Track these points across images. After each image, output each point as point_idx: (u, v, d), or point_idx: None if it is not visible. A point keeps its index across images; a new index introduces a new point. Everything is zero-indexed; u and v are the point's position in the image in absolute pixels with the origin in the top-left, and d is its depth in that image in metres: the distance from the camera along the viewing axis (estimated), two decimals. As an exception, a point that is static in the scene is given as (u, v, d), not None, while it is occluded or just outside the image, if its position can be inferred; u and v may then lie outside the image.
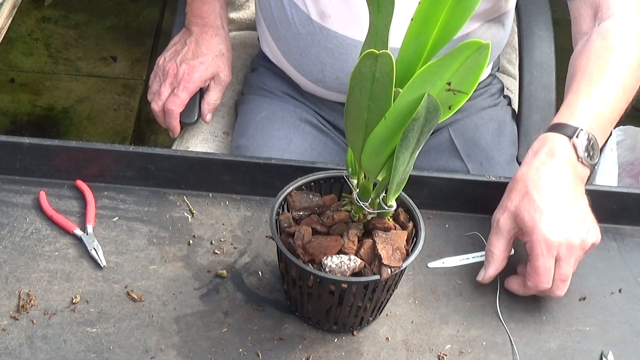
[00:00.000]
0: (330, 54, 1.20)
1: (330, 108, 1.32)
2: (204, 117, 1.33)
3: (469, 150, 1.29)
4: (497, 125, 1.33)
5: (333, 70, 1.21)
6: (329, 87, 1.26)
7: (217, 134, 1.37)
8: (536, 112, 1.37)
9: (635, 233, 1.09)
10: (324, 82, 1.25)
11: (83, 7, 2.77)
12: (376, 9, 0.78)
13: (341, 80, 1.22)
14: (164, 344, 0.89)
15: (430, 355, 0.91)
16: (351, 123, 0.81)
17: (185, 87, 1.28)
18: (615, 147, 1.65)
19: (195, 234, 1.02)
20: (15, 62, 2.55)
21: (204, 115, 1.32)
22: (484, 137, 1.30)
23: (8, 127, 2.33)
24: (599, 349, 0.94)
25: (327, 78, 1.23)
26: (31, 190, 1.05)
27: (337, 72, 1.21)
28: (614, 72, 1.04)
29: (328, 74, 1.22)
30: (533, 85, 1.37)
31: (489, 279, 0.97)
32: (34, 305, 0.92)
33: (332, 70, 1.21)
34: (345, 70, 1.21)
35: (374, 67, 0.74)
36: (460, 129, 1.31)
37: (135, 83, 2.52)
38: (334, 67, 1.21)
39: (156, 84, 1.30)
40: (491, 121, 1.33)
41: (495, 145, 1.30)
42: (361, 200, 0.86)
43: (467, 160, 1.28)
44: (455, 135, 1.30)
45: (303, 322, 0.93)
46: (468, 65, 0.73)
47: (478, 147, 1.29)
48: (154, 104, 1.30)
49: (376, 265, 0.85)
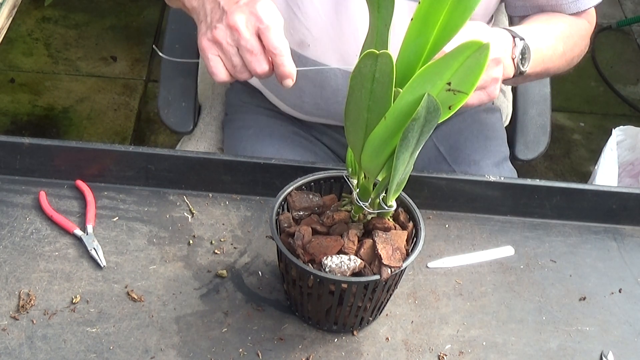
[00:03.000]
0: (309, 82, 1.19)
1: (310, 127, 1.31)
2: (285, 83, 0.99)
3: (455, 155, 1.29)
4: (482, 128, 1.33)
5: (312, 97, 1.20)
6: (307, 112, 1.25)
7: (212, 150, 1.36)
8: (532, 107, 1.37)
9: (635, 233, 1.09)
10: (302, 108, 1.24)
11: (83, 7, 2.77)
12: (376, 9, 0.78)
13: (319, 106, 1.21)
14: (164, 344, 0.89)
15: (430, 355, 0.91)
16: (351, 123, 0.81)
17: (261, 27, 0.95)
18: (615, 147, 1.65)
19: (195, 234, 1.02)
20: (15, 62, 2.55)
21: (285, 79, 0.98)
22: (469, 141, 1.30)
23: (8, 127, 2.33)
24: (599, 349, 0.94)
25: (306, 104, 1.22)
26: (31, 190, 1.05)
27: (316, 99, 1.20)
28: (562, 37, 1.15)
29: (307, 99, 1.21)
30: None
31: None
32: (34, 305, 0.92)
33: (310, 97, 1.21)
34: (324, 97, 1.20)
35: (374, 67, 0.74)
36: (443, 135, 1.30)
37: (135, 83, 2.52)
38: (313, 94, 1.20)
39: (219, 63, 0.98)
40: (474, 124, 1.33)
41: (481, 149, 1.30)
42: (361, 200, 0.86)
43: (455, 166, 1.28)
44: (438, 142, 1.30)
45: (303, 322, 0.93)
46: (468, 65, 0.73)
47: (463, 152, 1.29)
48: (242, 75, 0.99)
49: (376, 265, 0.85)
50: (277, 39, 0.95)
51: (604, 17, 3.10)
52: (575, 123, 2.66)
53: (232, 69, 0.98)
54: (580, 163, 2.52)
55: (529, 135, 1.35)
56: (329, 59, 1.16)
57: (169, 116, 1.33)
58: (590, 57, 2.88)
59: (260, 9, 0.95)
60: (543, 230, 1.08)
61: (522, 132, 1.35)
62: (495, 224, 1.08)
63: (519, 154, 1.34)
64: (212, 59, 0.98)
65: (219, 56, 0.98)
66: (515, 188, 1.08)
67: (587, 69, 2.84)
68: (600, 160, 1.64)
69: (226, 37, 0.96)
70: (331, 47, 1.16)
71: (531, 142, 1.35)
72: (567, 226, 1.09)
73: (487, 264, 1.03)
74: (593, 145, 2.55)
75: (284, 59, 0.96)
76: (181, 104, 1.34)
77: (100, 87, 2.49)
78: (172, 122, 1.33)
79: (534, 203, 1.08)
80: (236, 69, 0.98)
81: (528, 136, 1.35)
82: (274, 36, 0.95)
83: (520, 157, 1.34)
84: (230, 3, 0.97)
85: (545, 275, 1.02)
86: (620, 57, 2.96)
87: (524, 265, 1.03)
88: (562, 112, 2.67)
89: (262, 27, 0.95)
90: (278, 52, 0.96)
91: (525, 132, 1.35)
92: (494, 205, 1.08)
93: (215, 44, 0.97)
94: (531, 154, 1.35)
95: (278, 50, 0.95)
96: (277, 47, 0.95)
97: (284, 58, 0.96)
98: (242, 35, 0.95)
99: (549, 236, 1.07)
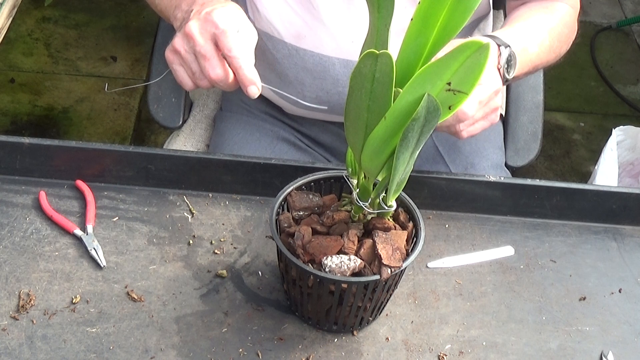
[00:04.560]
0: (308, 73, 1.19)
1: (311, 124, 1.31)
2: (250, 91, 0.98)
3: (453, 156, 1.29)
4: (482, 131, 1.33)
5: (312, 90, 1.20)
6: (309, 108, 1.25)
7: (200, 147, 1.36)
8: (523, 114, 1.37)
9: (635, 233, 1.09)
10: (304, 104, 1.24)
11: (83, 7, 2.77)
12: (376, 9, 0.78)
13: (320, 98, 1.21)
14: (164, 344, 0.89)
15: (430, 355, 0.91)
16: (351, 123, 0.81)
17: (216, 32, 0.96)
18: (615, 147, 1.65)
19: (195, 234, 1.02)
20: (15, 62, 2.55)
21: (248, 87, 0.98)
22: (468, 143, 1.30)
23: (8, 127, 2.33)
24: (599, 349, 0.94)
25: (307, 98, 1.22)
26: (31, 190, 1.05)
27: (317, 91, 1.20)
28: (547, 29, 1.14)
29: (307, 93, 1.21)
30: (520, 87, 1.37)
31: None
32: (34, 305, 0.92)
33: (311, 90, 1.21)
34: (325, 89, 1.20)
35: (374, 67, 0.74)
36: (443, 135, 1.31)
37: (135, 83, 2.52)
38: (313, 85, 1.20)
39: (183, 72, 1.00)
40: None
41: (480, 151, 1.30)
42: (361, 200, 0.86)
43: (452, 167, 1.28)
44: (438, 141, 1.30)
45: (303, 322, 0.93)
46: (468, 65, 0.73)
47: (462, 153, 1.30)
48: (201, 82, 1.00)
49: (376, 265, 0.85)
50: (231, 43, 0.95)
51: (604, 17, 3.11)
52: (575, 123, 2.66)
53: (192, 76, 0.99)
54: (580, 163, 2.52)
55: (520, 142, 1.35)
56: (326, 48, 1.17)
57: (159, 111, 1.34)
58: (590, 57, 2.89)
59: (216, 15, 0.97)
60: (543, 230, 1.08)
61: (512, 138, 1.35)
62: (495, 224, 1.08)
63: (509, 160, 1.34)
64: (176, 69, 1.00)
65: (182, 65, 1.00)
66: (515, 188, 1.08)
67: (587, 69, 2.84)
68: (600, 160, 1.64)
69: (183, 45, 0.98)
70: (327, 35, 1.16)
71: (522, 149, 1.35)
72: (567, 226, 1.09)
73: (487, 264, 1.03)
74: (593, 145, 2.55)
75: (241, 62, 0.96)
76: (171, 99, 1.35)
77: (100, 87, 2.50)
78: (161, 117, 1.35)
79: (534, 203, 1.08)
80: (195, 75, 0.99)
81: (519, 143, 1.35)
82: (229, 40, 0.95)
83: (510, 163, 1.34)
84: (195, 14, 0.99)
85: (545, 275, 1.02)
86: (620, 57, 2.96)
87: (524, 265, 1.03)
88: (562, 112, 2.67)
89: (218, 32, 0.96)
90: (233, 55, 0.95)
91: (516, 139, 1.35)
92: (494, 205, 1.08)
93: (175, 54, 0.99)
94: (521, 161, 1.35)
95: (233, 52, 0.95)
96: (231, 50, 0.95)
97: (241, 61, 0.96)
98: (196, 42, 0.96)
99: (549, 236, 1.07)
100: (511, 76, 1.06)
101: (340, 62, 1.17)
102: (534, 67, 1.13)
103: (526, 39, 1.10)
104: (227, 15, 0.97)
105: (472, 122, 0.99)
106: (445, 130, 1.00)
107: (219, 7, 0.99)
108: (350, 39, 1.15)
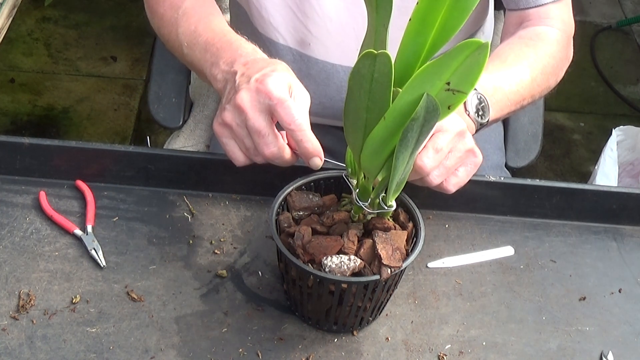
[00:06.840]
0: (312, 80, 1.18)
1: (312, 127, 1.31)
2: (312, 162, 0.91)
3: None
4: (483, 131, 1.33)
5: (316, 96, 1.19)
6: (312, 114, 1.25)
7: (200, 147, 1.36)
8: (524, 115, 1.37)
9: (635, 233, 1.09)
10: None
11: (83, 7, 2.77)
12: (374, 10, 0.78)
13: (324, 105, 1.20)
14: (164, 344, 0.89)
15: (430, 355, 0.91)
16: (350, 123, 0.81)
17: (271, 103, 0.88)
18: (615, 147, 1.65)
19: (195, 234, 1.02)
20: (15, 62, 2.55)
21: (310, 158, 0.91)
22: None
23: (8, 127, 2.33)
24: (599, 349, 0.94)
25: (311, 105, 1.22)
26: (31, 190, 1.05)
27: (320, 98, 1.19)
28: (527, 63, 1.10)
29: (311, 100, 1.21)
30: None
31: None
32: (34, 305, 0.92)
33: (315, 97, 1.19)
34: (328, 95, 1.19)
35: (373, 67, 0.74)
36: None
37: (135, 83, 2.52)
38: (317, 93, 1.18)
39: (234, 147, 0.93)
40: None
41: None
42: (361, 200, 0.86)
43: None
44: None
45: (303, 322, 0.93)
46: (467, 65, 0.73)
47: None
48: (256, 159, 0.93)
49: (376, 265, 0.85)
50: (289, 115, 0.87)
51: (604, 17, 3.11)
52: (575, 123, 2.66)
53: (247, 151, 0.92)
54: (580, 163, 2.52)
55: (520, 143, 1.35)
56: (331, 55, 1.16)
57: (159, 111, 1.35)
58: (590, 57, 2.89)
59: (269, 83, 0.87)
60: (543, 230, 1.08)
61: (513, 139, 1.35)
62: (495, 224, 1.08)
63: (509, 161, 1.34)
64: (226, 143, 0.92)
65: (234, 139, 0.91)
66: (515, 188, 1.08)
67: (587, 69, 2.84)
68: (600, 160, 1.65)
69: (234, 118, 0.89)
70: (332, 43, 1.16)
71: (522, 150, 1.35)
72: (567, 226, 1.09)
73: (487, 264, 1.03)
74: (593, 145, 2.55)
75: (303, 135, 0.88)
76: (171, 99, 1.35)
77: (100, 87, 2.50)
78: (161, 117, 1.35)
79: (534, 203, 1.08)
80: (250, 151, 0.91)
81: (519, 144, 1.35)
82: (287, 112, 0.87)
83: (511, 164, 1.34)
84: (243, 81, 0.90)
85: (545, 275, 1.02)
86: (620, 57, 2.96)
87: (524, 265, 1.03)
88: (562, 112, 2.68)
89: (272, 104, 0.87)
90: (293, 128, 0.87)
91: (517, 140, 1.35)
92: (493, 205, 1.08)
93: (226, 127, 0.91)
94: (521, 162, 1.35)
95: (292, 126, 0.87)
96: (291, 122, 0.87)
97: (302, 134, 0.88)
98: (249, 116, 0.88)
99: (549, 236, 1.07)
100: (487, 119, 1.02)
101: (344, 69, 1.17)
102: (516, 104, 1.08)
103: (499, 78, 1.06)
104: (280, 82, 0.88)
105: (446, 171, 0.91)
106: (429, 185, 0.92)
107: (269, 72, 0.89)
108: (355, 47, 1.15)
